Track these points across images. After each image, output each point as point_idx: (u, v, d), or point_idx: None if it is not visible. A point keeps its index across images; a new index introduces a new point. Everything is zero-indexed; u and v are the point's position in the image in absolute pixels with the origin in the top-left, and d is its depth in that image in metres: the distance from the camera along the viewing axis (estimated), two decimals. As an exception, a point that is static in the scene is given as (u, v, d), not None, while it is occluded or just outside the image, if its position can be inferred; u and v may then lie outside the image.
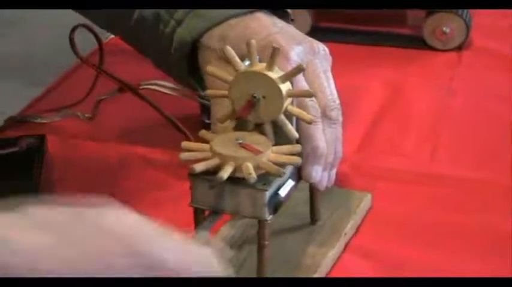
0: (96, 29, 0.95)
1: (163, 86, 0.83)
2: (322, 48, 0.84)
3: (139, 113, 0.92)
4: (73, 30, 0.92)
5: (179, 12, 0.89)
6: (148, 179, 0.92)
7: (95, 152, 0.96)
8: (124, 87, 0.84)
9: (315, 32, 1.17)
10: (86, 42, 0.99)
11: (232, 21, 0.86)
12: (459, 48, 1.15)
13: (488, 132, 0.99)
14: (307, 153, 0.77)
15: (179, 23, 0.89)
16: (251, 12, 0.85)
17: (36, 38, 1.44)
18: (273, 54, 0.72)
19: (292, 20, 1.15)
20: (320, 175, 0.78)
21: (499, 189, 0.89)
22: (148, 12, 0.91)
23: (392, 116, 1.03)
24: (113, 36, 1.06)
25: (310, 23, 1.18)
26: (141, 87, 0.84)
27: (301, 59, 0.81)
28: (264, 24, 0.84)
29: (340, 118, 0.82)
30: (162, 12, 0.90)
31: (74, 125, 0.92)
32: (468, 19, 1.14)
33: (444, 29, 1.14)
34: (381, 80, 1.09)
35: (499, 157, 0.94)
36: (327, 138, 0.80)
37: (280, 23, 0.86)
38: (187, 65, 0.89)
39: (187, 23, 0.88)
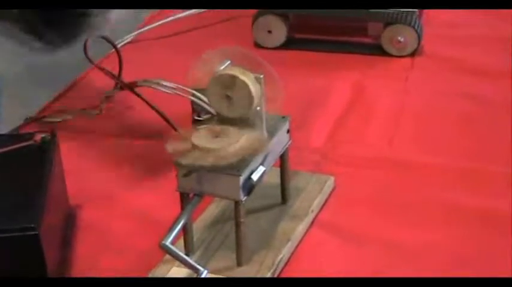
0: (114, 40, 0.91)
1: (159, 84, 0.78)
2: None
3: (139, 110, 0.88)
4: (87, 40, 0.87)
5: None
6: (144, 167, 0.88)
7: (99, 144, 0.92)
8: (124, 86, 0.79)
9: (291, 42, 1.13)
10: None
11: None
12: (412, 54, 1.11)
13: (439, 124, 0.95)
14: None
15: None
16: None
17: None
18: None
19: (269, 32, 1.11)
20: None
21: (450, 171, 0.85)
22: None
23: (356, 111, 0.99)
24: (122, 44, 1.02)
25: (286, 34, 1.13)
26: (137, 85, 0.78)
27: None
28: None
29: None
30: None
31: (82, 122, 0.87)
32: (420, 30, 1.10)
33: (399, 38, 1.10)
34: (347, 81, 1.05)
35: (450, 145, 0.91)
36: None
37: None
38: None
39: None
